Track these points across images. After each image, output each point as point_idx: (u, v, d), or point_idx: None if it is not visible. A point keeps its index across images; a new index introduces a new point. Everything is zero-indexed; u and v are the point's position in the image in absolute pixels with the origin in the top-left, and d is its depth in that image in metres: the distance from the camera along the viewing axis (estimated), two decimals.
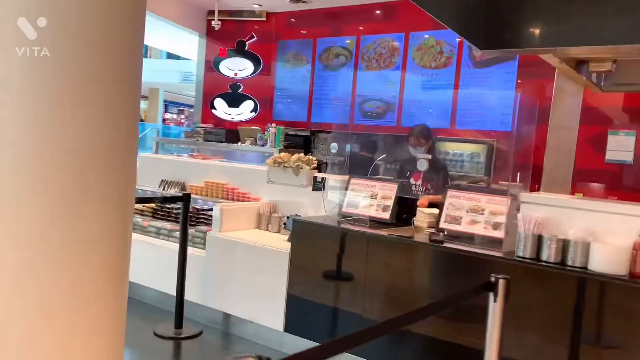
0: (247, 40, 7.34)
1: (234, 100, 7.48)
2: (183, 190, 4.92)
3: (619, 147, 4.67)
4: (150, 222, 4.74)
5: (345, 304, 3.36)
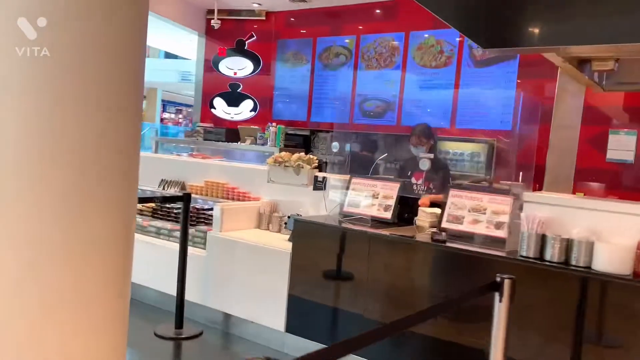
0: (246, 40, 7.31)
1: (234, 100, 7.45)
2: (183, 190, 4.90)
3: (620, 146, 4.67)
4: (150, 221, 4.72)
5: (347, 304, 3.35)
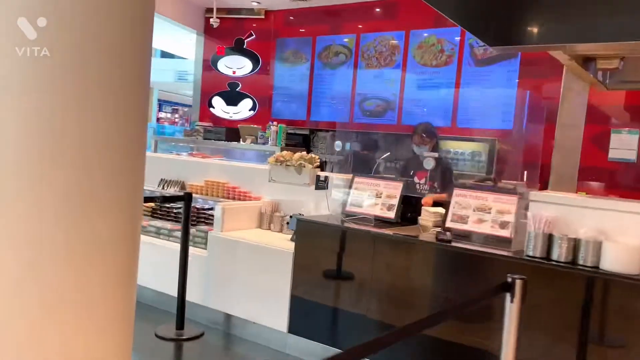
0: (245, 38, 7.28)
1: (232, 99, 7.42)
2: (183, 190, 4.86)
3: (622, 145, 4.66)
4: (150, 221, 4.68)
5: (350, 305, 3.32)
